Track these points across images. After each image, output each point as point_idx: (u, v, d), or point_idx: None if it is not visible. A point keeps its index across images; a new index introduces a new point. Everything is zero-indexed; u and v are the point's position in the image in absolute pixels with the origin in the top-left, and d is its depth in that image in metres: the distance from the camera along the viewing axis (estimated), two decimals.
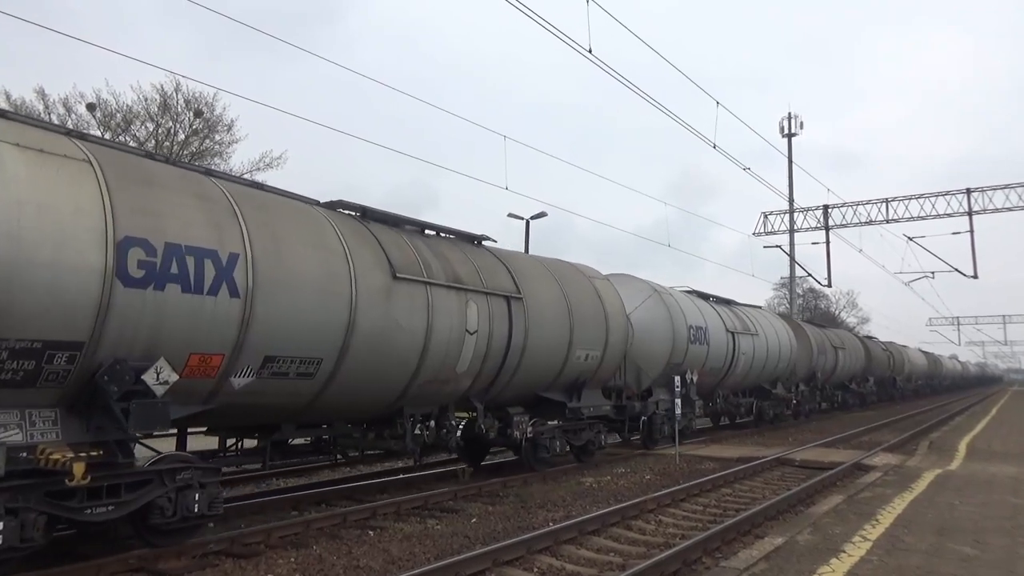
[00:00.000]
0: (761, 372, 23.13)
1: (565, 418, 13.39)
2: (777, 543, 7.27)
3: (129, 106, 28.87)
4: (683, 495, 11.22)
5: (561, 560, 7.61)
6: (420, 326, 9.63)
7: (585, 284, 13.95)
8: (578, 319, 13.00)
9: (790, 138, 42.01)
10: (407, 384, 9.72)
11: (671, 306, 17.32)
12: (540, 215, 28.22)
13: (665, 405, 17.05)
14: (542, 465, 13.04)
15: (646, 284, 17.54)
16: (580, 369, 13.25)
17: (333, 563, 7.29)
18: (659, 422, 17.03)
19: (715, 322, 19.70)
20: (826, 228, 37.39)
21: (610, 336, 13.85)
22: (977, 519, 8.59)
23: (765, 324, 23.92)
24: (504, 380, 11.60)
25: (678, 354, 17.11)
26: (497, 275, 11.55)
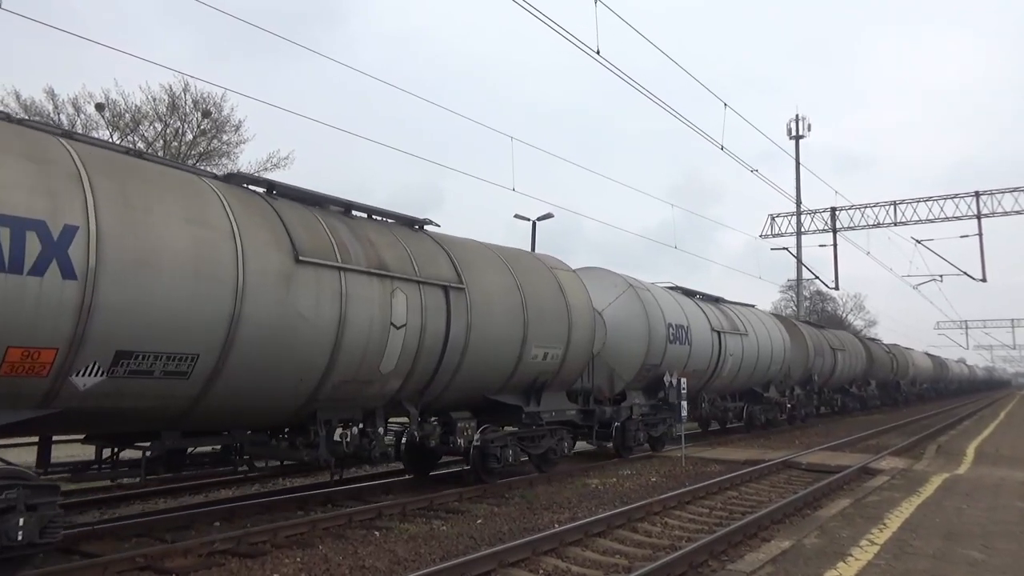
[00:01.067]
0: (751, 374, 21.89)
1: (522, 424, 12.20)
2: (784, 546, 7.24)
3: (138, 106, 29.00)
4: (689, 498, 11.18)
5: (567, 562, 7.60)
6: (330, 318, 8.41)
7: (545, 275, 12.74)
8: (534, 313, 11.74)
9: (797, 140, 41.92)
10: (317, 385, 8.55)
11: (647, 302, 16.01)
12: (546, 216, 28.08)
13: (641, 410, 16.03)
14: (492, 476, 11.77)
15: (620, 278, 16.27)
16: (538, 369, 12.07)
17: (339, 563, 7.30)
18: (633, 428, 15.78)
19: (699, 320, 18.44)
20: (833, 230, 37.29)
21: (573, 333, 12.65)
22: (985, 523, 8.54)
23: (756, 323, 22.64)
24: (443, 381, 10.39)
25: (655, 354, 15.89)
26: (435, 262, 10.33)
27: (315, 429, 8.94)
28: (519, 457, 12.14)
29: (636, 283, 16.35)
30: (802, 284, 42.79)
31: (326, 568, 7.13)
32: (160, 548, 7.42)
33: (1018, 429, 25.63)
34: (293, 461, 9.71)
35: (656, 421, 16.74)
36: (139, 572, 6.95)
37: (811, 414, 28.57)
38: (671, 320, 16.57)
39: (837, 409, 32.67)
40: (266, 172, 31.63)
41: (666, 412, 16.77)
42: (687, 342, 17.22)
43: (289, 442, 9.23)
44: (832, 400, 32.06)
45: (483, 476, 11.66)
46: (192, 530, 8.64)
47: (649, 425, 16.46)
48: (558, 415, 13.02)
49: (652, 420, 16.58)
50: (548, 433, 12.84)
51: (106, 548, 7.62)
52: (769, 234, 39.37)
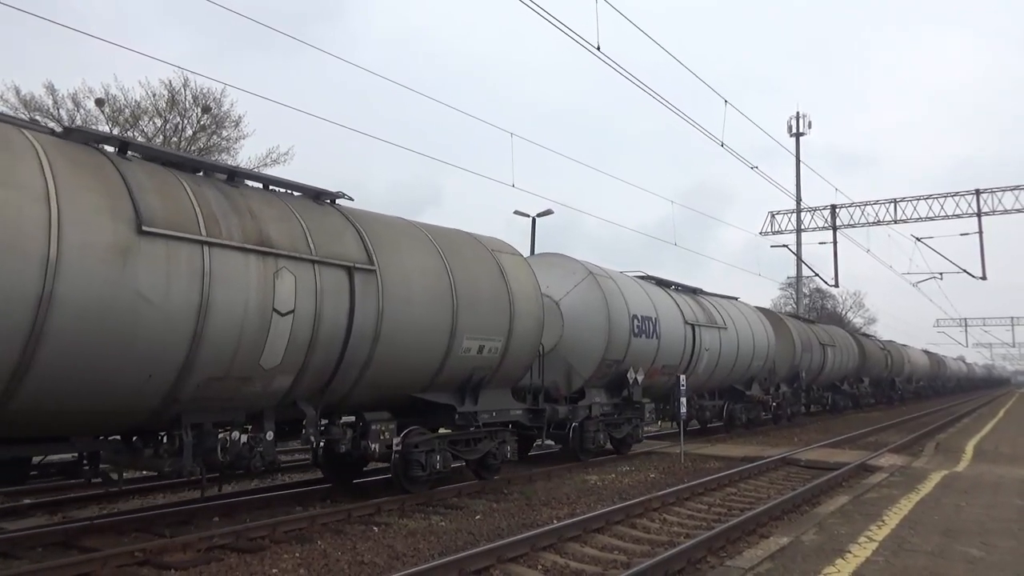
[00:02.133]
0: (731, 371, 20.44)
1: (455, 425, 10.89)
2: (782, 543, 7.25)
3: (137, 102, 28.97)
4: (688, 494, 11.20)
5: (565, 558, 7.60)
6: (187, 302, 7.05)
7: (483, 258, 11.40)
8: (467, 300, 10.43)
9: (798, 137, 41.93)
10: (174, 383, 7.20)
11: (609, 292, 14.64)
12: (546, 212, 28.01)
13: (602, 409, 14.74)
14: (416, 485, 10.30)
15: (580, 265, 14.90)
16: (473, 364, 10.75)
17: (337, 558, 7.30)
18: (592, 429, 14.42)
19: (670, 312, 16.99)
20: (833, 228, 37.26)
21: (516, 323, 11.30)
22: (984, 521, 8.55)
23: (737, 317, 21.19)
24: (349, 377, 9.06)
25: (616, 349, 14.52)
26: (339, 240, 9.03)
27: (179, 435, 7.62)
28: (450, 463, 10.75)
29: (598, 271, 15.08)
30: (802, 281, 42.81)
31: (325, 563, 7.13)
32: (159, 543, 7.42)
33: (1017, 427, 25.65)
34: (155, 472, 8.26)
35: (620, 421, 15.44)
36: (138, 567, 6.95)
37: (798, 413, 27.27)
38: (637, 311, 15.26)
39: (828, 407, 31.74)
40: (265, 168, 31.58)
41: (631, 411, 15.66)
42: (655, 335, 15.84)
43: (154, 450, 7.85)
44: (822, 398, 31.03)
45: (406, 485, 10.22)
46: (191, 525, 8.65)
47: (611, 425, 15.17)
48: (500, 415, 11.67)
49: (615, 420, 15.28)
50: (488, 436, 11.48)
51: (105, 543, 7.62)
52: (769, 231, 39.37)
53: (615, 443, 15.58)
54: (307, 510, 9.51)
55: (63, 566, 6.60)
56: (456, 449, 10.95)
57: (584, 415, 14.30)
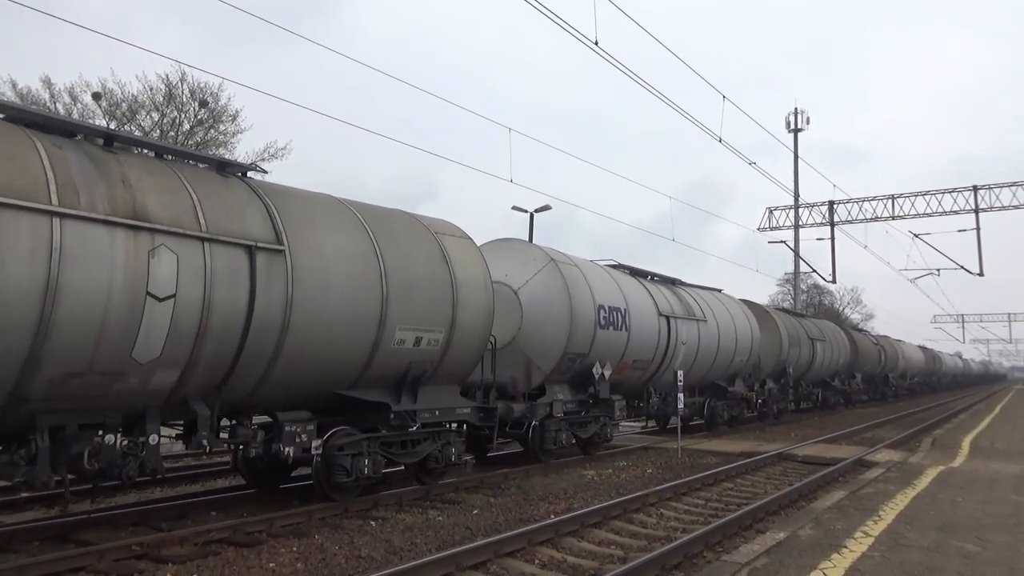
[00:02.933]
0: (711, 366, 19.32)
1: (391, 426, 9.86)
2: (779, 538, 7.27)
3: (134, 96, 28.88)
4: (685, 489, 11.22)
5: (562, 552, 7.62)
6: (25, 282, 6.09)
7: (423, 241, 10.37)
8: (400, 287, 9.41)
9: (796, 133, 41.95)
10: (18, 379, 6.26)
11: (573, 280, 13.57)
12: (544, 208, 28.03)
13: (565, 407, 13.76)
14: (340, 493, 9.27)
15: (541, 251, 13.86)
16: (409, 358, 9.74)
17: (335, 553, 7.31)
18: (554, 428, 13.36)
19: (642, 303, 15.89)
20: (831, 224, 37.31)
21: (461, 313, 10.31)
22: (979, 516, 8.58)
23: (719, 309, 20.09)
24: (253, 373, 7.99)
25: (580, 342, 13.49)
26: (240, 215, 7.91)
27: (35, 439, 6.62)
28: (381, 468, 9.70)
29: (560, 257, 14.03)
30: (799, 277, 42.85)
31: (322, 558, 7.14)
32: (156, 536, 7.43)
33: (1013, 423, 25.73)
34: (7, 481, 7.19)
35: (586, 419, 14.44)
36: (135, 560, 6.95)
37: (785, 410, 26.19)
38: (604, 302, 14.21)
39: (818, 404, 30.66)
40: (263, 162, 31.54)
41: (599, 409, 14.72)
42: (624, 327, 14.77)
43: (9, 456, 6.75)
44: (811, 395, 29.82)
45: (329, 492, 9.20)
46: (188, 519, 8.65)
47: (576, 424, 14.13)
48: (444, 414, 10.68)
49: (580, 418, 14.28)
50: (430, 437, 10.45)
51: (102, 536, 7.63)
52: (767, 227, 39.44)
53: (581, 443, 14.55)
54: (304, 504, 9.51)
55: (60, 559, 6.61)
56: (390, 452, 9.87)
57: (544, 413, 13.26)
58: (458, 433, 11.05)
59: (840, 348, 31.58)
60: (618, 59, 14.54)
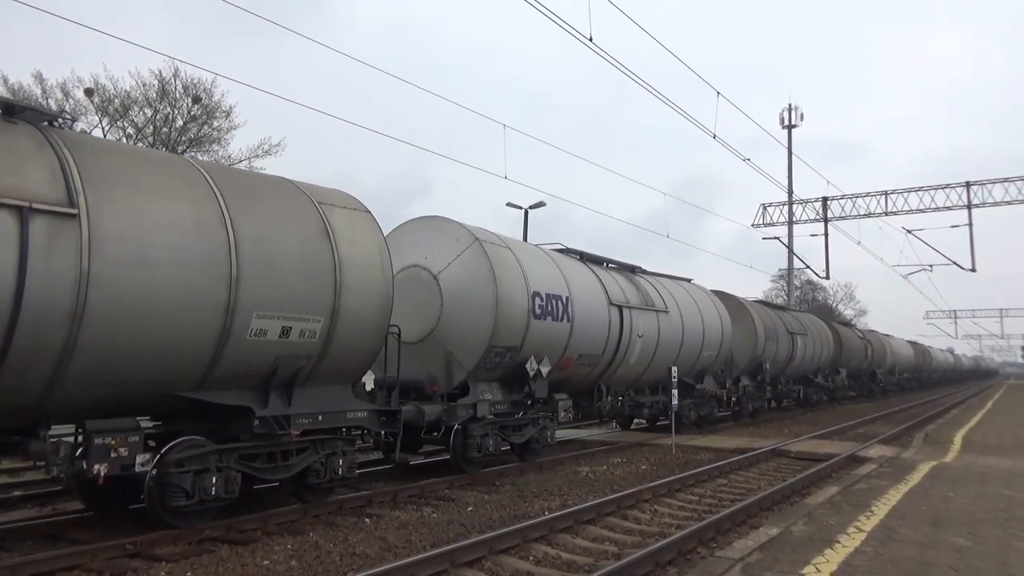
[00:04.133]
0: (675, 362, 17.28)
1: (255, 434, 8.25)
2: (772, 533, 7.30)
3: (127, 91, 28.76)
4: (679, 485, 11.25)
5: (557, 549, 7.64)
6: None
7: (296, 211, 8.62)
8: (256, 264, 7.73)
9: (790, 129, 41.99)
10: None
11: (501, 263, 11.84)
12: (539, 204, 28.13)
13: (492, 408, 12.16)
14: (179, 519, 7.57)
15: (466, 231, 12.10)
16: (275, 352, 8.10)
17: (329, 550, 7.31)
18: (479, 433, 11.64)
19: (589, 291, 14.21)
20: (825, 220, 37.42)
21: (347, 298, 8.72)
22: (971, 511, 8.63)
23: (684, 300, 18.40)
24: (35, 372, 6.40)
25: (508, 333, 11.79)
26: (18, 168, 6.31)
27: None
28: (235, 487, 7.96)
29: (489, 237, 12.42)
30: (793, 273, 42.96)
31: (316, 555, 7.14)
32: (150, 535, 7.40)
33: (1005, 418, 25.87)
34: None
35: (522, 422, 12.82)
36: (129, 559, 6.94)
37: (762, 408, 24.69)
38: (541, 288, 12.54)
39: (799, 401, 29.35)
40: (257, 159, 31.43)
41: (539, 410, 13.18)
42: (566, 317, 13.12)
43: None
44: (791, 392, 28.26)
45: (165, 517, 7.50)
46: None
47: (509, 428, 12.54)
48: (330, 419, 9.10)
49: (514, 421, 12.67)
50: (311, 447, 8.90)
51: (95, 535, 7.60)
52: (761, 223, 39.51)
53: (517, 449, 13.03)
54: (299, 502, 9.51)
55: (54, 558, 6.59)
56: (253, 466, 8.26)
57: (466, 416, 11.58)
58: (349, 441, 9.49)
59: (823, 342, 30.21)
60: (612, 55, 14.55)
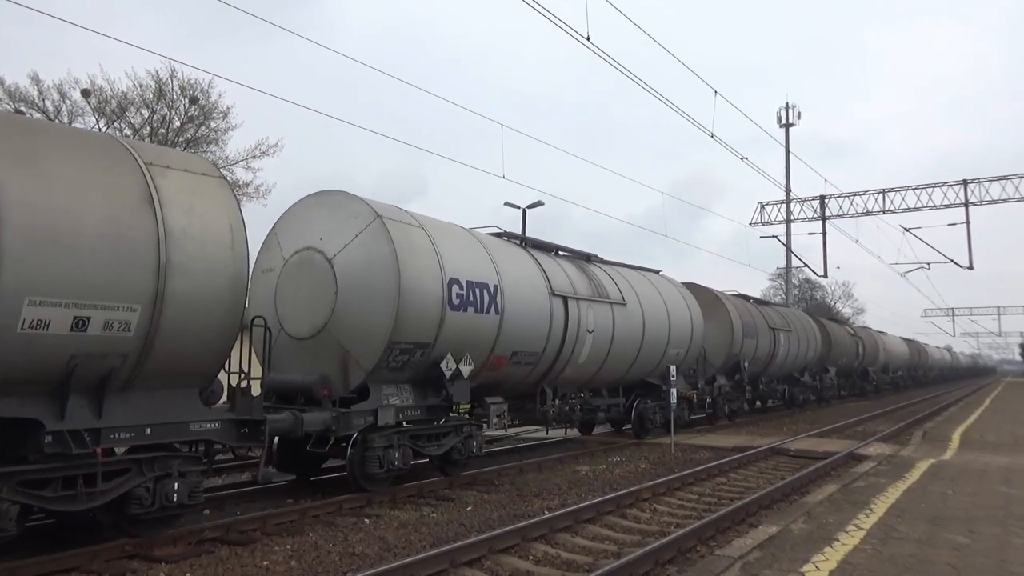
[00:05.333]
0: (636, 360, 15.80)
1: (46, 456, 6.49)
2: (771, 532, 7.30)
3: (124, 92, 28.72)
4: (678, 484, 11.26)
5: (556, 548, 7.64)
6: None
7: (107, 169, 6.93)
8: (30, 238, 6.13)
9: (787, 128, 41.98)
10: None
11: (407, 244, 10.15)
12: (537, 204, 28.18)
13: (400, 414, 10.30)
14: None
15: (366, 206, 10.28)
16: (68, 350, 6.43)
17: (329, 550, 7.31)
18: (380, 444, 9.80)
19: (525, 279, 12.38)
20: (822, 218, 37.45)
21: (175, 281, 7.04)
22: (970, 508, 8.64)
23: (647, 292, 16.52)
24: None
25: (416, 327, 10.01)
26: None
27: None
28: (10, 521, 6.17)
29: (395, 214, 10.66)
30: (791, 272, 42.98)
31: (316, 555, 7.14)
32: (148, 537, 7.39)
33: (1003, 415, 25.91)
34: None
35: (442, 431, 10.99)
36: (128, 560, 6.94)
37: (741, 410, 23.20)
38: (460, 275, 10.77)
39: (784, 401, 27.72)
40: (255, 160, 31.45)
41: (462, 417, 11.33)
42: (493, 309, 11.28)
43: None
44: (775, 392, 26.56)
45: None
46: (181, 518, 8.60)
47: (424, 438, 10.65)
48: (164, 433, 7.32)
49: (430, 430, 10.81)
50: (134, 467, 7.14)
51: (94, 536, 7.58)
52: (759, 222, 39.51)
53: (436, 462, 11.26)
54: (298, 502, 9.51)
55: (53, 560, 6.58)
56: (41, 495, 6.50)
57: (364, 424, 9.75)
58: (192, 460, 7.69)
59: (809, 339, 28.67)
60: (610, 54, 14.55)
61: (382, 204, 10.74)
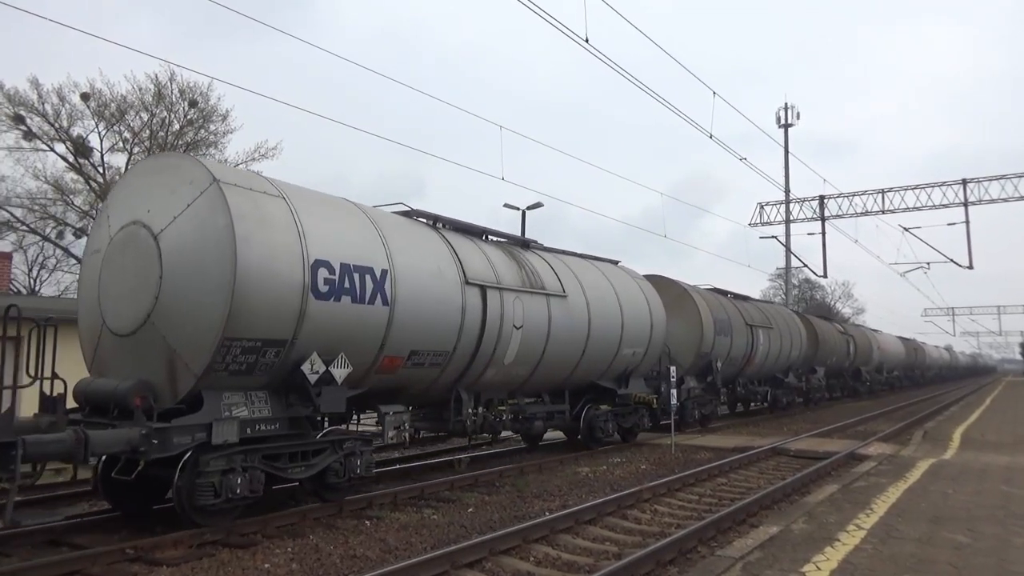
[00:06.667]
0: (580, 361, 13.61)
1: None
2: (772, 532, 7.30)
3: (123, 96, 28.76)
4: (679, 484, 11.26)
5: (557, 549, 7.64)
6: None
7: None
8: None
9: (786, 128, 42.02)
10: None
11: (251, 216, 7.92)
12: (536, 205, 28.26)
13: (250, 429, 8.12)
14: None
15: (203, 170, 8.11)
16: None
17: (330, 552, 7.31)
18: (217, 468, 7.70)
19: (428, 264, 10.27)
20: (822, 218, 37.44)
21: None
22: (970, 508, 8.64)
23: (596, 283, 14.42)
24: None
25: (264, 321, 7.86)
26: None
27: None
28: None
29: (243, 179, 8.47)
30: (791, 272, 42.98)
31: (317, 558, 7.14)
32: (150, 539, 7.40)
33: (1003, 415, 25.92)
34: None
35: (311, 447, 8.86)
36: (129, 563, 6.94)
37: (714, 415, 21.17)
38: (331, 256, 8.66)
39: (766, 404, 25.85)
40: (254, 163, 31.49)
41: (342, 432, 9.60)
42: (381, 299, 9.22)
43: None
44: (754, 394, 24.66)
45: None
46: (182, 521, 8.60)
47: (284, 458, 8.53)
48: None
49: (292, 447, 8.63)
50: None
51: (96, 540, 7.60)
52: (758, 222, 39.50)
53: (307, 485, 9.12)
54: (299, 505, 9.51)
55: (55, 563, 6.58)
56: None
57: (192, 442, 7.61)
58: None
59: (793, 337, 26.56)
60: (608, 56, 14.56)
61: (228, 168, 9.30)
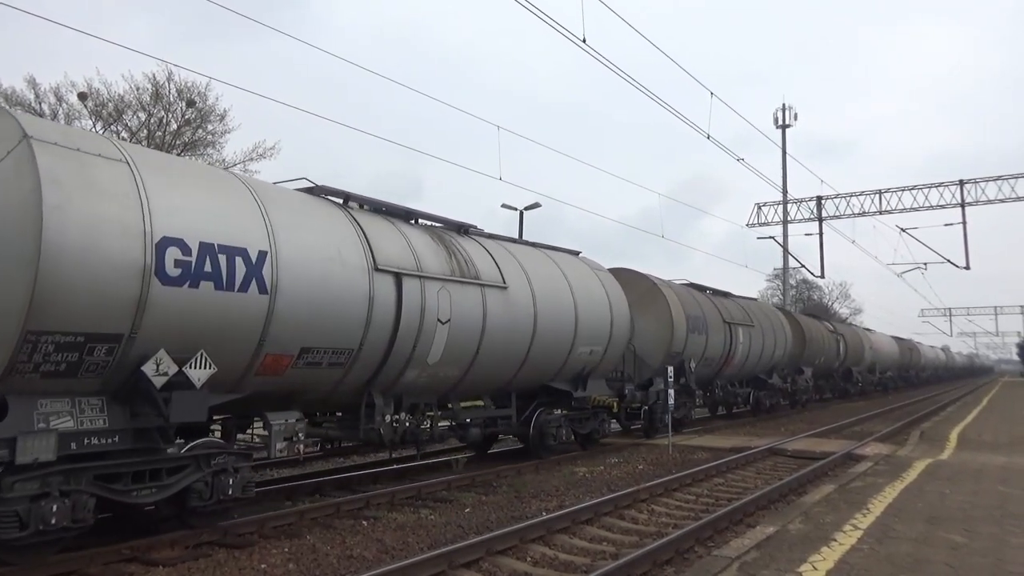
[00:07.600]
0: (525, 361, 12.08)
1: None
2: (769, 532, 7.31)
3: (121, 95, 28.71)
4: (676, 485, 11.27)
5: (554, 549, 7.64)
6: None
7: None
8: None
9: (784, 129, 42.13)
10: None
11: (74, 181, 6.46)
12: (534, 206, 28.25)
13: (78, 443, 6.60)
14: None
15: (14, 124, 6.52)
16: None
17: (326, 553, 7.31)
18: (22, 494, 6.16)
19: (324, 246, 8.76)
20: (819, 219, 37.52)
21: None
22: (967, 508, 8.65)
23: (543, 274, 12.85)
24: None
25: (81, 310, 6.37)
26: None
27: None
28: None
29: (66, 139, 6.75)
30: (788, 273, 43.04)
31: (314, 558, 7.14)
32: (146, 540, 7.39)
33: (1000, 415, 25.95)
34: None
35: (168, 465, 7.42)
36: (125, 563, 6.93)
37: (687, 418, 19.68)
38: (186, 232, 7.17)
39: (748, 407, 24.61)
40: (252, 162, 31.46)
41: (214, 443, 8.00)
42: (256, 285, 7.74)
43: None
44: (735, 396, 23.31)
45: None
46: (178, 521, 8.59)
47: (127, 478, 7.06)
48: None
49: (135, 465, 7.13)
50: None
51: (91, 540, 7.57)
52: (756, 223, 39.57)
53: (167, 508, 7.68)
54: (296, 505, 9.50)
55: (50, 563, 6.56)
56: None
57: None
58: None
59: (777, 336, 25.03)
60: (606, 56, 14.57)
61: (52, 124, 7.76)
